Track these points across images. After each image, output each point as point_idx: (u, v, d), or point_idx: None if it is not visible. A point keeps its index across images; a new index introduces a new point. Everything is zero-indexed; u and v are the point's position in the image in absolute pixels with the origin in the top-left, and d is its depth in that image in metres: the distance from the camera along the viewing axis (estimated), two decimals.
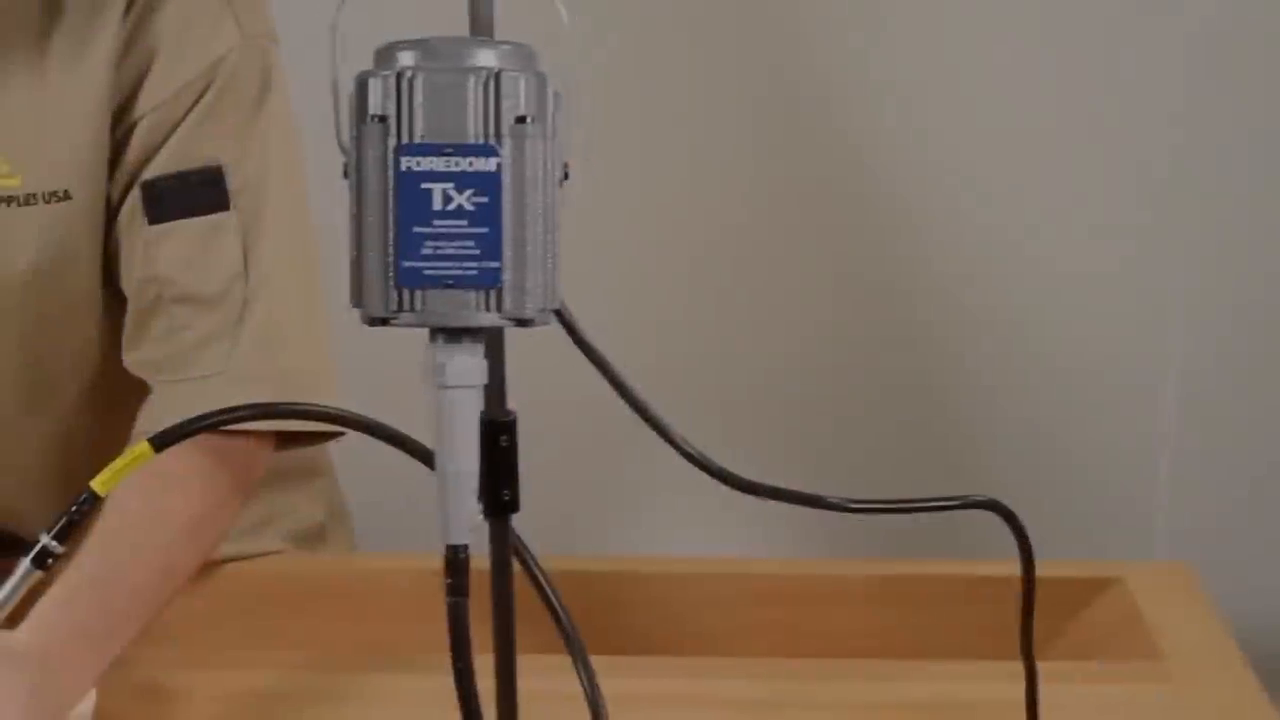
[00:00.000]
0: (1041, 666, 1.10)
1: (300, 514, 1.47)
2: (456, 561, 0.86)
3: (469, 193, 0.81)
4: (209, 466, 1.17)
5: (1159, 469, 2.15)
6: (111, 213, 1.22)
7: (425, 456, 1.05)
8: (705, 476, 0.96)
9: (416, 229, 0.81)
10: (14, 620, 1.07)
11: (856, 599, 1.41)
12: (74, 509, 1.00)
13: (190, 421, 1.01)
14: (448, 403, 0.84)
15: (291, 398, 1.15)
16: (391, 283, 0.81)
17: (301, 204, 1.25)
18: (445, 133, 0.81)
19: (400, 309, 0.82)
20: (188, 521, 1.16)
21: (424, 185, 0.81)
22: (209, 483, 1.18)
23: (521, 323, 0.83)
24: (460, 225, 0.81)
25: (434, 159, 0.81)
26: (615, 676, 1.06)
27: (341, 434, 1.23)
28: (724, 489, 0.98)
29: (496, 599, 0.97)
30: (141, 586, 1.13)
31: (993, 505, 1.04)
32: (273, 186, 1.22)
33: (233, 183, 1.20)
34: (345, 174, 0.84)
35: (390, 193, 0.81)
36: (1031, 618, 1.08)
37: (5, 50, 1.17)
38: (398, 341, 0.86)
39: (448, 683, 1.23)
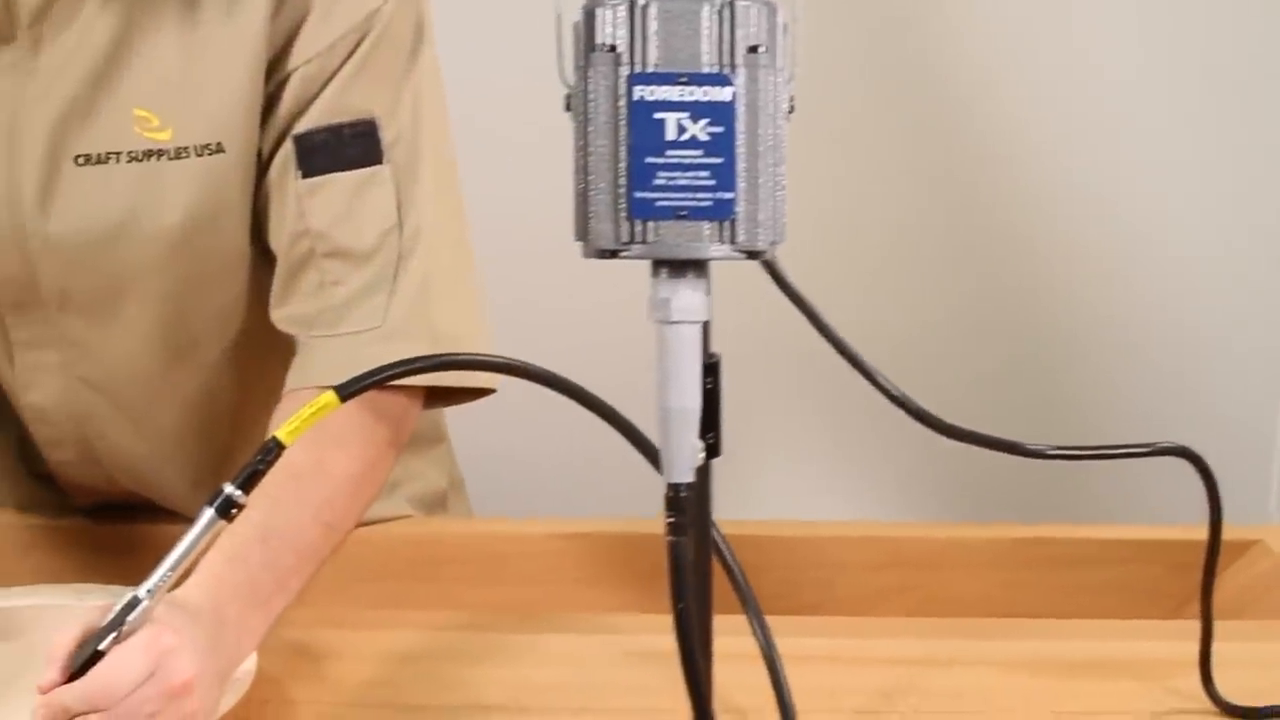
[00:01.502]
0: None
1: (426, 479, 1.46)
2: (678, 500, 0.84)
3: (703, 122, 0.80)
4: (368, 422, 1.16)
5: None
6: (262, 166, 1.21)
7: (604, 410, 1.04)
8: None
9: (649, 159, 0.80)
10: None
11: (986, 563, 1.40)
12: (259, 459, 0.98)
13: (373, 372, 1.00)
14: (671, 338, 0.83)
15: (443, 352, 1.13)
16: (623, 214, 0.80)
17: (452, 157, 1.23)
18: (679, 62, 0.80)
19: (631, 241, 0.80)
20: (348, 477, 1.15)
21: (657, 115, 0.80)
22: (368, 438, 1.16)
23: (752, 255, 0.81)
24: (694, 155, 0.80)
25: (668, 88, 0.80)
26: (779, 635, 1.07)
27: (491, 392, 1.22)
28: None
29: (696, 548, 0.95)
30: (305, 543, 1.12)
31: (1183, 452, 1.03)
32: (425, 140, 1.20)
33: (386, 136, 1.19)
34: (567, 106, 0.83)
35: (622, 123, 0.80)
36: (1215, 561, 1.07)
37: (156, 4, 1.16)
38: None
39: (590, 641, 1.23)
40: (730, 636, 0.99)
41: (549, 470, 2.05)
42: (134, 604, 0.99)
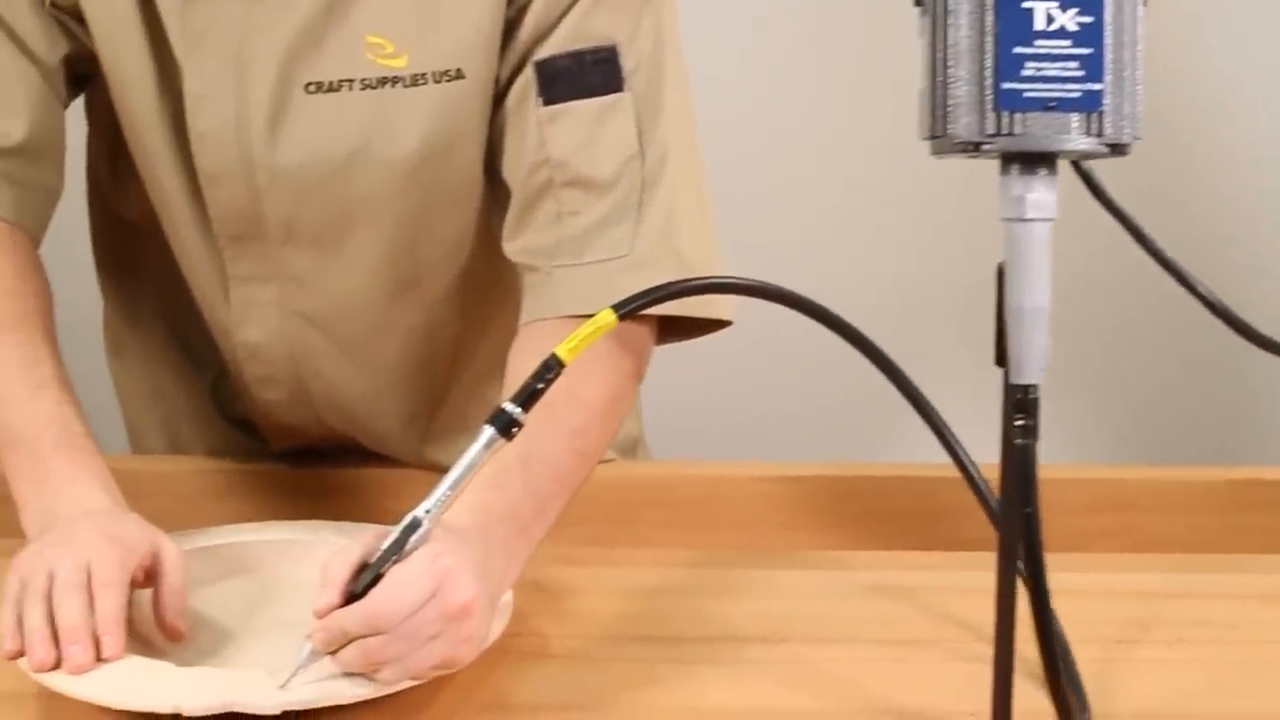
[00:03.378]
0: None
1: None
2: (1027, 402, 0.82)
3: (1072, 12, 0.78)
4: (615, 351, 1.14)
5: None
6: (499, 94, 1.19)
7: (855, 337, 1.02)
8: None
9: (1017, 50, 0.78)
10: None
11: (1198, 505, 1.38)
12: (539, 377, 0.97)
13: (649, 291, 0.99)
14: (1023, 236, 0.81)
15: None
16: (989, 105, 0.79)
17: (688, 83, 1.21)
18: None
19: (996, 133, 0.79)
20: (600, 404, 1.13)
21: (1025, 4, 0.78)
22: (615, 367, 1.14)
23: (1116, 149, 0.80)
24: (1062, 46, 0.78)
25: None
26: None
27: (727, 324, 1.20)
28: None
29: (1017, 458, 0.91)
30: (563, 470, 1.10)
31: None
32: (667, 67, 1.18)
33: (626, 63, 1.17)
34: (918, 1, 0.81)
35: (988, 14, 0.78)
36: None
37: None
38: None
39: (826, 576, 1.22)
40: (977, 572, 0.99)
41: (729, 418, 2.05)
42: (414, 525, 0.97)
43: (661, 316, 1.18)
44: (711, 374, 1.95)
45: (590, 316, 1.12)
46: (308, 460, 1.40)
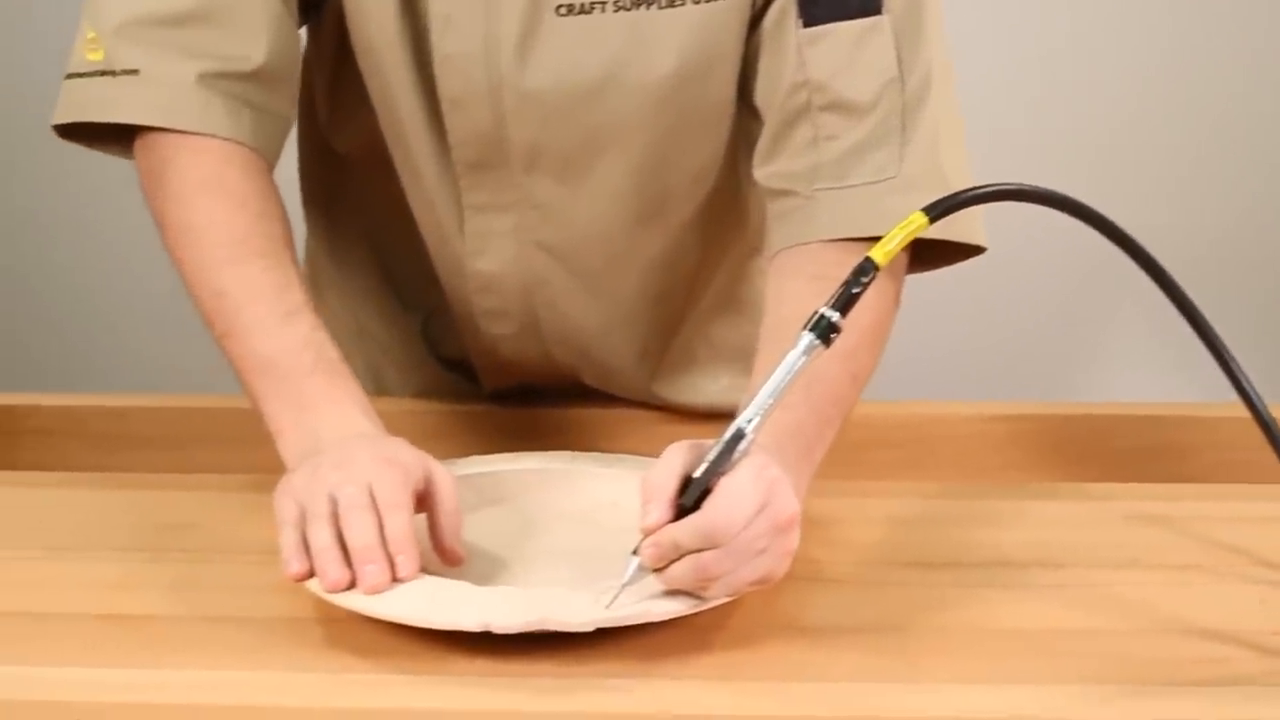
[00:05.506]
0: None
1: None
2: None
3: None
4: (881, 275, 1.12)
5: None
6: (755, 15, 1.17)
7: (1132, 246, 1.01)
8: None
9: None
10: None
11: None
12: (854, 281, 0.96)
13: (961, 193, 0.97)
14: None
15: None
16: None
17: (942, 4, 1.19)
18: None
19: None
20: (870, 328, 1.11)
21: None
22: (882, 291, 1.12)
23: None
24: None
25: None
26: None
27: (980, 252, 1.18)
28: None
29: None
30: (839, 393, 1.08)
31: None
32: None
33: None
34: None
35: None
36: None
37: None
38: None
39: (1082, 507, 1.20)
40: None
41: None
42: (739, 437, 0.96)
43: (914, 245, 1.16)
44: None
45: (855, 240, 1.13)
46: (521, 401, 1.38)
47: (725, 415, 1.30)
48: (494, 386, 1.37)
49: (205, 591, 1.06)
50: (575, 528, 1.13)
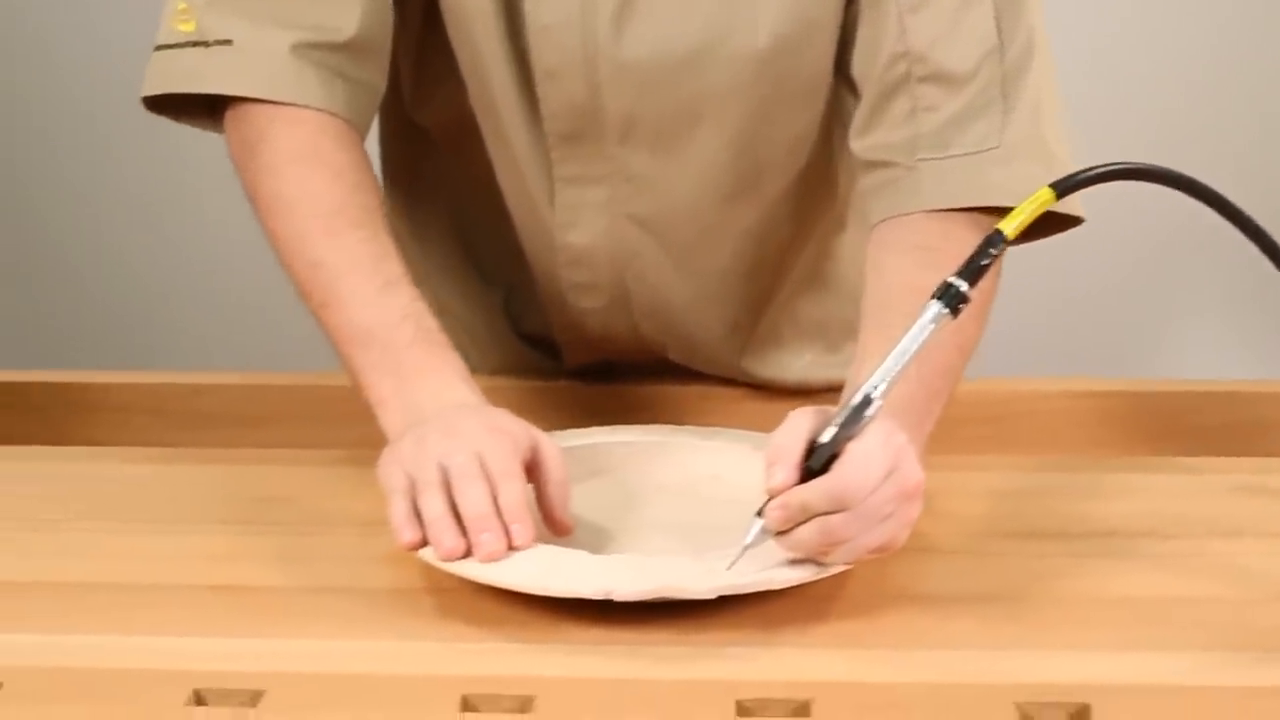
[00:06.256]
0: None
1: None
2: None
3: None
4: (971, 240, 1.11)
5: None
6: None
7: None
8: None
9: None
10: None
11: None
12: (983, 253, 0.95)
13: (1090, 169, 0.97)
14: None
15: (1058, 175, 1.08)
16: None
17: None
18: None
19: None
20: (977, 300, 1.10)
21: None
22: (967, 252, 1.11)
23: None
24: None
25: None
26: None
27: (1078, 223, 1.17)
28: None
29: None
30: (948, 364, 1.07)
31: None
32: None
33: None
34: None
35: None
36: None
37: None
38: None
39: (1179, 480, 1.19)
40: None
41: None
42: (867, 402, 0.95)
43: None
44: None
45: (958, 211, 1.12)
46: (602, 377, 1.37)
47: (811, 392, 1.31)
48: (576, 363, 1.36)
49: (311, 563, 1.05)
50: (676, 500, 1.12)
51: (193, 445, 1.33)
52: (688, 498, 1.12)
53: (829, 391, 1.27)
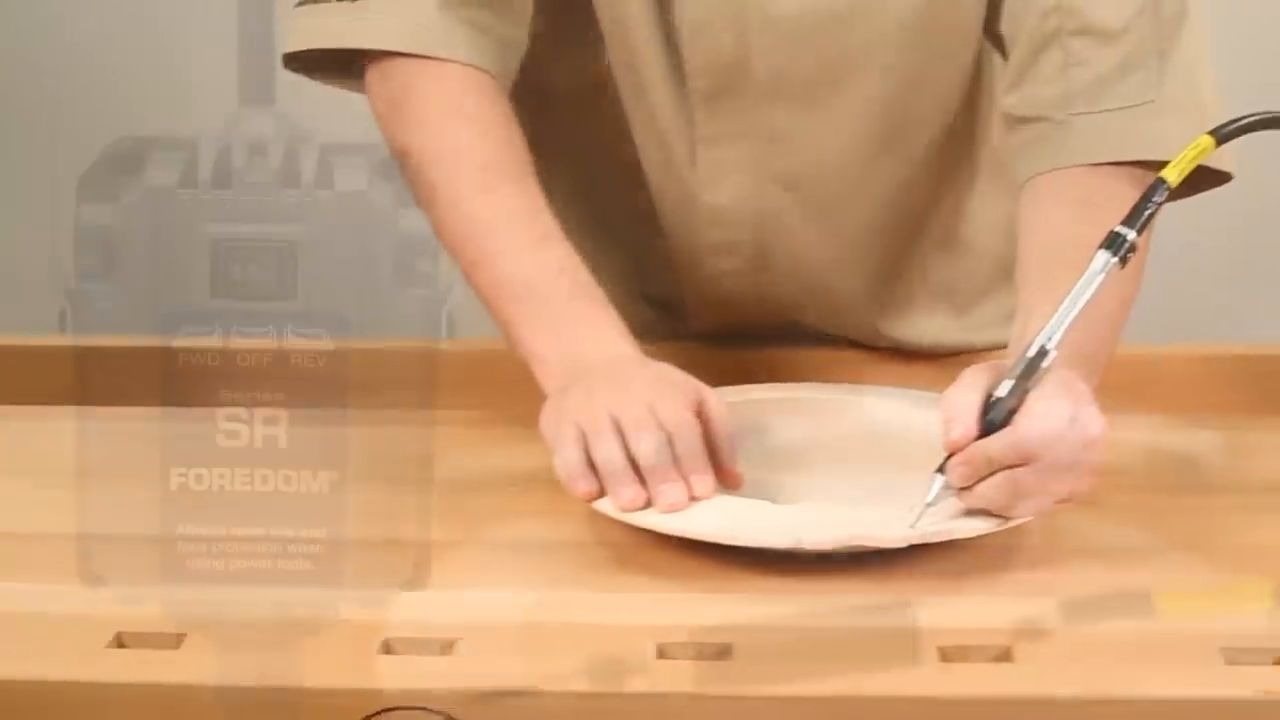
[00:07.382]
0: None
1: None
2: None
3: None
4: (1128, 194, 1.09)
5: None
6: None
7: None
8: None
9: None
10: None
11: None
12: (1147, 200, 0.95)
13: (1248, 115, 0.96)
14: None
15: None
16: None
17: None
18: None
19: None
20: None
21: None
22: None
23: None
24: None
25: None
26: None
27: (1227, 180, 1.16)
28: None
29: None
30: (1111, 314, 1.06)
31: None
32: None
33: None
34: None
35: None
36: None
37: None
38: None
39: None
40: None
41: None
42: (1043, 354, 0.94)
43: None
44: None
45: (1115, 165, 1.11)
46: (727, 341, 1.36)
47: (943, 354, 1.31)
48: (703, 327, 1.34)
49: (475, 518, 1.04)
50: (834, 456, 1.11)
51: None
52: (845, 454, 1.11)
53: (960, 355, 1.27)
